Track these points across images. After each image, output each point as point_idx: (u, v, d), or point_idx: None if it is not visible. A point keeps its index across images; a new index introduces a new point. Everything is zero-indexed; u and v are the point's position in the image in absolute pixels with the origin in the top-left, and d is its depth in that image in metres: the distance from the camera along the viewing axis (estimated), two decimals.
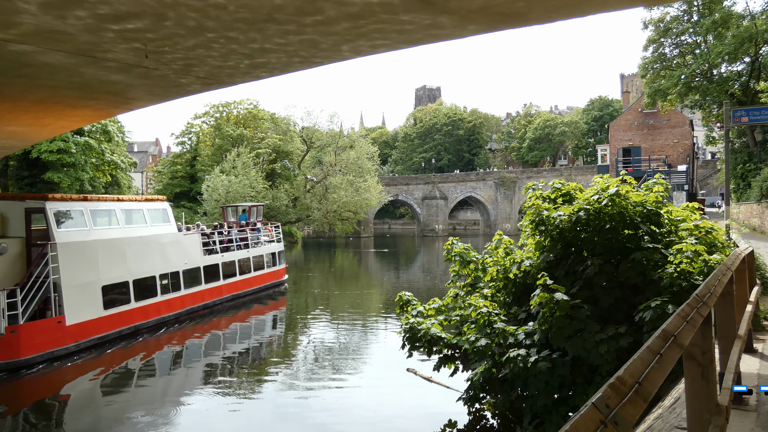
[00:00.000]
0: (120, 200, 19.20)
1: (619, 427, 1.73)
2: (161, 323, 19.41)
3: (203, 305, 21.99)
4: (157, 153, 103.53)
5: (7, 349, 14.14)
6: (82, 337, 16.15)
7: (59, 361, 15.11)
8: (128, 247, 18.35)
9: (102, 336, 16.84)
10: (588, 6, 5.63)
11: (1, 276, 15.16)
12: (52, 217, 15.98)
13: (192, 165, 59.24)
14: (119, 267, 17.86)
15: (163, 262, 19.87)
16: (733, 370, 4.24)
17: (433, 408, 11.49)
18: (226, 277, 23.75)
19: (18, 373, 14.08)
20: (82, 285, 16.37)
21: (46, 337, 15.04)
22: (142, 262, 18.91)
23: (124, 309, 17.82)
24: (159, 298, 19.42)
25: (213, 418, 11.62)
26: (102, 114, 14.25)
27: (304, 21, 6.20)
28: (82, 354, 15.88)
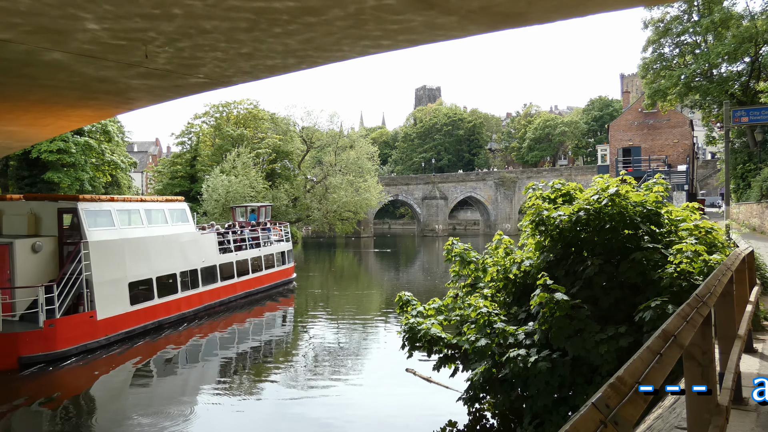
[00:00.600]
0: (143, 201, 20.23)
1: (619, 427, 1.73)
2: (182, 319, 20.19)
3: (219, 302, 22.79)
4: (157, 153, 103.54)
5: (46, 342, 14.86)
6: (112, 331, 16.90)
7: (92, 354, 15.87)
8: (151, 246, 19.17)
9: (129, 330, 17.61)
10: (588, 6, 5.63)
11: (36, 272, 15.92)
12: (84, 216, 16.72)
13: (192, 165, 59.23)
14: (144, 264, 18.65)
15: (183, 260, 20.68)
16: (733, 370, 4.25)
17: (433, 408, 11.50)
18: (240, 275, 24.56)
19: (55, 365, 14.78)
20: (111, 281, 17.12)
21: (79, 331, 15.79)
22: (164, 259, 19.71)
23: (148, 305, 18.59)
24: (179, 294, 20.25)
25: (217, 416, 11.63)
26: (102, 114, 14.25)
27: (305, 21, 6.20)
28: (111, 347, 16.63)
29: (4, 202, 17.88)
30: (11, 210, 17.42)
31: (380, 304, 26.55)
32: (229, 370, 15.52)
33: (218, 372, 15.29)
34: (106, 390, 13.96)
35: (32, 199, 17.72)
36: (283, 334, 20.46)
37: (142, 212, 19.47)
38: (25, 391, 13.33)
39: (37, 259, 16.08)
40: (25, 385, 13.71)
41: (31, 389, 13.51)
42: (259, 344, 18.59)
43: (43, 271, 16.17)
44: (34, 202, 17.35)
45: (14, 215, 17.24)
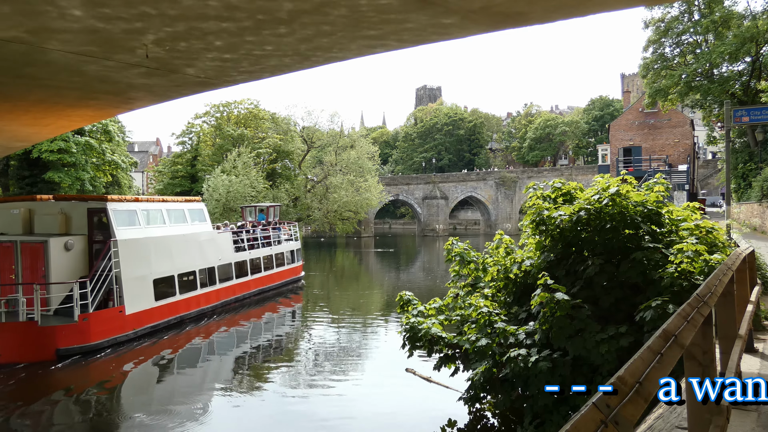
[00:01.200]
0: (164, 201, 21.31)
1: (620, 427, 1.73)
2: (201, 314, 21.01)
3: (234, 298, 23.60)
4: (157, 153, 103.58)
5: (80, 335, 15.63)
6: (139, 326, 17.66)
7: (121, 347, 16.67)
8: (173, 244, 19.93)
9: (154, 325, 18.37)
10: (588, 6, 5.62)
11: (68, 269, 16.73)
12: (113, 216, 17.48)
13: (193, 165, 59.22)
14: (167, 262, 19.41)
15: (202, 258, 21.48)
16: (733, 370, 4.24)
17: (433, 408, 11.49)
18: (253, 273, 25.42)
19: (89, 357, 15.61)
20: (138, 278, 17.85)
21: (110, 325, 16.56)
22: (185, 257, 20.46)
23: (171, 301, 19.37)
24: (199, 291, 21.08)
25: (219, 414, 11.64)
26: (102, 114, 14.26)
27: (305, 21, 6.20)
28: (138, 341, 17.40)
29: (35, 202, 18.56)
30: (42, 210, 18.19)
31: (380, 303, 26.57)
32: (234, 367, 15.95)
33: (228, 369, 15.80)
34: (135, 381, 14.72)
35: (62, 200, 18.52)
36: (285, 334, 20.67)
37: (164, 212, 20.34)
38: (63, 382, 14.02)
39: (69, 257, 16.86)
40: (63, 375, 14.37)
41: (68, 380, 14.20)
42: (263, 343, 18.96)
43: (74, 268, 16.96)
44: (65, 203, 18.20)
45: (45, 215, 18.03)
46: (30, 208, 18.28)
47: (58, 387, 13.69)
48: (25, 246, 16.56)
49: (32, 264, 16.42)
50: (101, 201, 17.92)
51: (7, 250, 16.56)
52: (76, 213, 17.90)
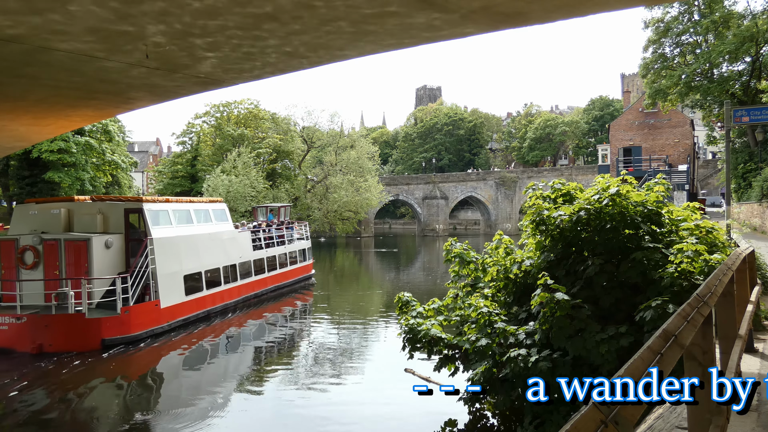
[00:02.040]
0: (191, 201, 22.63)
1: (620, 427, 1.73)
2: (225, 309, 22.21)
3: (253, 294, 24.78)
4: (157, 153, 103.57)
5: (123, 326, 16.80)
6: (172, 318, 18.80)
7: (158, 338, 17.85)
8: (200, 242, 21.14)
9: (185, 318, 19.51)
10: (588, 6, 5.62)
11: (107, 265, 17.89)
12: (148, 216, 18.65)
13: (193, 165, 59.21)
14: (195, 259, 20.54)
15: (225, 255, 22.64)
16: (733, 370, 4.24)
17: (433, 408, 11.48)
18: (270, 270, 26.59)
19: (130, 347, 16.75)
20: (171, 274, 18.99)
21: (148, 317, 17.75)
22: (210, 255, 21.67)
23: (198, 296, 20.50)
24: (222, 287, 22.18)
25: (221, 413, 11.64)
26: (103, 114, 14.25)
27: (305, 21, 6.20)
28: (172, 333, 18.55)
29: (74, 203, 19.67)
30: (81, 210, 19.20)
31: (380, 303, 26.60)
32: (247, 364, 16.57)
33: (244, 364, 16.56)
34: (169, 370, 16.01)
35: (100, 201, 19.76)
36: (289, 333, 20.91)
37: (191, 212, 21.65)
38: (108, 370, 15.16)
39: (109, 254, 18.05)
40: (108, 364, 15.50)
41: (113, 368, 15.33)
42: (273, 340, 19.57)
43: (113, 264, 18.13)
44: (102, 203, 19.39)
45: (84, 215, 19.03)
46: (69, 209, 19.25)
47: (104, 375, 14.75)
48: (69, 244, 17.57)
49: (76, 260, 17.47)
50: (137, 202, 19.30)
51: (52, 247, 17.60)
52: (113, 213, 19.07)
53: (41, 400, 12.71)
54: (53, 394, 13.03)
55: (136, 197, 20.51)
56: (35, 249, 17.56)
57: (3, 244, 18.08)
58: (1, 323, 16.01)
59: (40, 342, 15.70)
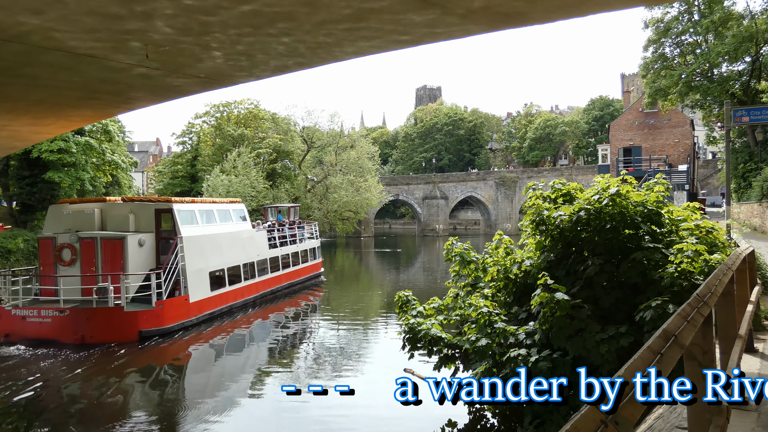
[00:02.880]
0: (214, 202, 23.75)
1: (620, 427, 1.73)
2: (245, 304, 23.27)
3: (270, 291, 25.82)
4: (157, 153, 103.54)
5: (157, 319, 17.81)
6: (199, 312, 19.80)
7: (188, 330, 18.91)
8: (223, 241, 22.15)
9: (210, 312, 20.50)
10: (588, 6, 5.62)
11: (140, 262, 18.89)
12: (178, 216, 19.60)
13: (193, 165, 59.14)
14: (218, 257, 21.58)
15: (245, 253, 23.71)
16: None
17: (432, 408, 11.48)
18: (284, 268, 27.69)
19: (164, 339, 17.80)
20: (198, 270, 19.97)
21: (179, 311, 18.76)
22: (232, 253, 22.66)
23: (222, 291, 21.48)
24: (242, 283, 23.20)
25: (221, 413, 11.64)
26: (102, 114, 14.24)
27: (305, 21, 6.20)
28: (199, 326, 19.58)
29: (106, 203, 20.78)
30: (113, 210, 20.28)
31: (380, 303, 26.66)
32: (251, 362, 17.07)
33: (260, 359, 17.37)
34: (199, 360, 17.07)
35: (131, 201, 20.81)
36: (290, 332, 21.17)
37: (215, 212, 22.66)
38: (146, 359, 16.22)
39: (142, 251, 19.08)
40: (145, 354, 16.54)
41: (150, 357, 16.41)
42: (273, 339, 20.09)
43: (145, 261, 19.16)
44: (133, 203, 20.46)
45: (117, 214, 20.10)
46: (102, 208, 20.29)
47: (142, 364, 15.82)
48: (106, 242, 18.52)
49: (112, 257, 18.42)
50: (167, 203, 20.33)
51: (89, 245, 18.50)
52: (144, 213, 20.12)
53: (87, 387, 13.56)
54: (98, 382, 13.96)
55: (165, 198, 21.90)
56: (72, 247, 18.48)
57: (41, 242, 19.13)
58: (45, 316, 16.93)
59: (82, 333, 16.57)
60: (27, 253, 34.25)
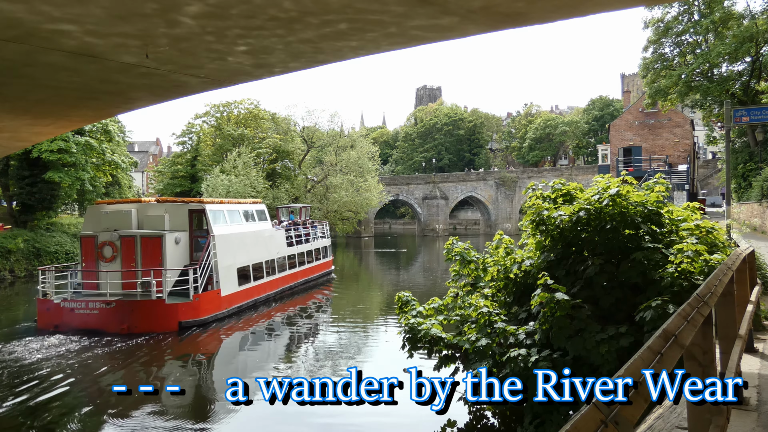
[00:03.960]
0: (240, 203, 25.11)
1: (620, 427, 1.73)
2: (267, 299, 24.62)
3: (288, 287, 27.10)
4: (157, 153, 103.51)
5: (194, 311, 19.20)
6: (230, 305, 21.16)
7: (220, 322, 20.32)
8: (248, 239, 23.46)
9: (239, 305, 21.88)
10: (588, 6, 5.62)
11: (176, 259, 20.22)
12: (210, 216, 20.95)
13: (193, 165, 59.07)
14: (245, 254, 22.90)
15: (266, 251, 25.10)
16: (733, 370, 4.24)
17: (432, 408, 11.47)
18: (300, 265, 29.01)
19: (200, 329, 19.14)
20: (227, 266, 21.29)
21: (213, 304, 20.15)
22: (256, 250, 24.05)
23: (248, 286, 22.85)
24: (265, 279, 24.59)
25: (219, 412, 11.63)
26: (102, 114, 14.24)
27: (304, 21, 6.20)
28: (230, 318, 21.01)
29: (141, 204, 22.09)
30: (148, 210, 21.53)
31: (380, 303, 26.69)
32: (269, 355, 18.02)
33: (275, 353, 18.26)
34: (231, 349, 18.40)
35: (165, 202, 22.30)
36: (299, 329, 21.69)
37: (240, 212, 23.97)
38: (185, 347, 17.55)
39: (178, 249, 20.42)
40: (184, 342, 17.90)
41: (188, 346, 17.73)
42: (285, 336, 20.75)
43: (180, 257, 20.48)
44: (168, 204, 21.87)
45: (153, 215, 21.31)
46: (138, 209, 21.53)
47: (181, 351, 17.24)
48: (145, 239, 19.86)
49: (151, 254, 19.71)
50: (200, 203, 21.77)
51: (129, 242, 19.90)
52: (178, 212, 21.45)
53: (134, 372, 14.93)
54: (144, 367, 15.41)
55: (198, 199, 23.19)
56: (113, 244, 19.92)
57: (84, 240, 20.53)
58: (93, 308, 18.28)
59: (127, 324, 17.91)
60: (27, 253, 34.24)
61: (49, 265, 25.56)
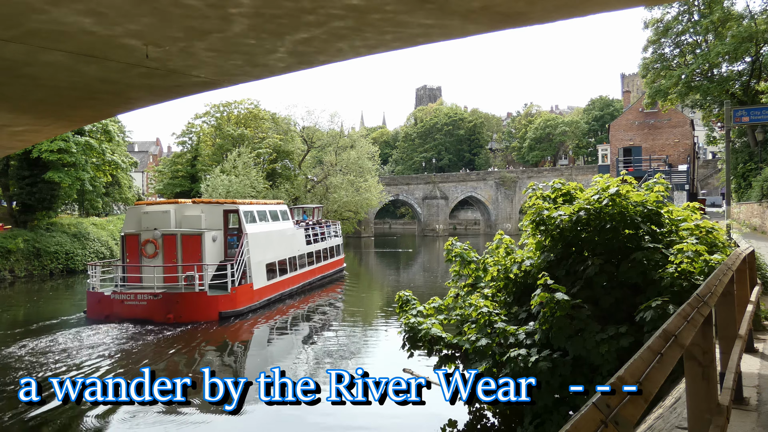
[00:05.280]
0: (266, 203, 26.65)
1: (620, 427, 1.73)
2: (291, 293, 26.28)
3: (307, 282, 28.66)
4: (157, 153, 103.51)
5: (232, 302, 20.97)
6: (260, 298, 22.97)
7: (253, 313, 22.15)
8: (274, 237, 25.21)
9: (268, 298, 23.64)
10: (588, 6, 5.62)
11: (213, 255, 21.99)
12: (243, 216, 22.77)
13: (193, 165, 59.07)
14: (271, 251, 24.61)
15: (290, 248, 26.83)
16: (733, 370, 4.24)
17: (432, 408, 11.47)
18: (317, 262, 30.62)
19: (237, 319, 21.01)
20: (258, 262, 22.98)
21: (247, 296, 21.93)
22: (281, 248, 25.79)
23: (275, 281, 24.58)
24: (288, 275, 26.23)
25: (218, 414, 11.63)
26: (102, 114, 14.24)
27: (304, 21, 6.20)
28: (262, 309, 22.85)
29: (178, 204, 23.75)
30: (185, 210, 23.23)
31: (379, 303, 26.74)
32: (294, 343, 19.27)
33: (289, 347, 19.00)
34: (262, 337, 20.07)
35: (201, 203, 24.12)
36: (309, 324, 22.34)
37: (267, 212, 25.53)
38: (225, 335, 19.21)
39: (215, 246, 22.23)
40: (224, 330, 19.63)
41: (228, 334, 19.42)
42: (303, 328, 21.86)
43: (217, 254, 22.39)
44: (203, 205, 23.70)
45: (190, 214, 22.95)
46: (175, 209, 23.14)
47: (221, 338, 18.83)
48: (186, 237, 21.66)
49: (191, 250, 21.42)
50: (233, 204, 23.63)
51: (171, 240, 21.64)
52: (213, 213, 23.24)
53: (182, 357, 16.39)
54: (190, 352, 16.87)
55: (231, 200, 25.25)
56: (155, 242, 21.58)
57: (128, 237, 22.17)
58: (141, 299, 19.94)
59: (172, 314, 19.54)
60: (27, 253, 34.22)
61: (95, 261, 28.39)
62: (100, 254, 38.40)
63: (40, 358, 15.67)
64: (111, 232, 41.36)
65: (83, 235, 38.53)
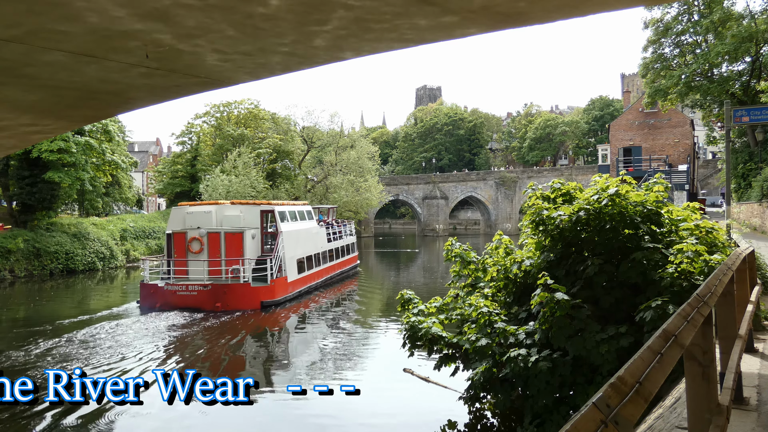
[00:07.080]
0: (294, 204, 29.11)
1: (620, 427, 1.73)
2: (316, 287, 28.48)
3: (329, 277, 30.85)
4: (157, 153, 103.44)
5: (272, 293, 23.12)
6: (294, 290, 25.20)
7: (289, 303, 24.36)
8: (303, 235, 27.38)
9: (299, 291, 25.84)
10: (588, 6, 5.61)
11: (252, 251, 24.18)
12: (279, 215, 24.99)
13: (193, 165, 59.05)
14: (301, 247, 26.79)
15: (314, 245, 28.97)
16: (733, 370, 4.24)
17: (432, 408, 11.49)
18: (336, 259, 32.79)
19: (276, 308, 23.13)
20: (291, 258, 25.16)
21: (283, 288, 24.13)
22: (308, 245, 27.96)
23: (304, 275, 26.76)
24: (314, 269, 28.45)
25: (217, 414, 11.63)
26: (102, 114, 14.20)
27: (305, 21, 6.20)
28: (293, 300, 24.93)
29: (218, 205, 25.58)
30: (225, 210, 25.19)
31: (379, 303, 26.72)
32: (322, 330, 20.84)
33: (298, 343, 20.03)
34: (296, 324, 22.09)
35: (239, 204, 26.12)
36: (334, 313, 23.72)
37: (297, 212, 27.81)
38: (267, 322, 21.36)
39: (253, 243, 24.46)
40: (266, 318, 21.78)
41: (269, 321, 21.61)
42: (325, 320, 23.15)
43: (255, 250, 24.62)
44: (241, 206, 25.77)
45: (229, 214, 24.97)
46: (216, 210, 25.06)
47: (263, 325, 20.94)
48: (229, 235, 23.77)
49: (234, 247, 23.56)
50: (269, 205, 26.01)
51: (215, 237, 23.70)
52: (251, 212, 25.44)
53: (229, 341, 18.03)
54: (235, 337, 18.58)
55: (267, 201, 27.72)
56: (201, 239, 23.60)
57: (176, 235, 24.10)
58: (192, 290, 22.09)
59: (220, 303, 21.65)
60: (27, 253, 34.21)
61: (146, 256, 31.16)
62: (100, 254, 38.40)
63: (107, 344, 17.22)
64: (111, 232, 41.35)
65: (83, 235, 38.51)
